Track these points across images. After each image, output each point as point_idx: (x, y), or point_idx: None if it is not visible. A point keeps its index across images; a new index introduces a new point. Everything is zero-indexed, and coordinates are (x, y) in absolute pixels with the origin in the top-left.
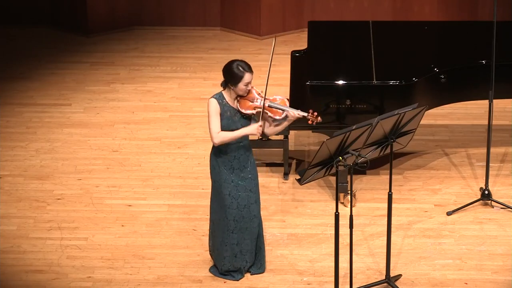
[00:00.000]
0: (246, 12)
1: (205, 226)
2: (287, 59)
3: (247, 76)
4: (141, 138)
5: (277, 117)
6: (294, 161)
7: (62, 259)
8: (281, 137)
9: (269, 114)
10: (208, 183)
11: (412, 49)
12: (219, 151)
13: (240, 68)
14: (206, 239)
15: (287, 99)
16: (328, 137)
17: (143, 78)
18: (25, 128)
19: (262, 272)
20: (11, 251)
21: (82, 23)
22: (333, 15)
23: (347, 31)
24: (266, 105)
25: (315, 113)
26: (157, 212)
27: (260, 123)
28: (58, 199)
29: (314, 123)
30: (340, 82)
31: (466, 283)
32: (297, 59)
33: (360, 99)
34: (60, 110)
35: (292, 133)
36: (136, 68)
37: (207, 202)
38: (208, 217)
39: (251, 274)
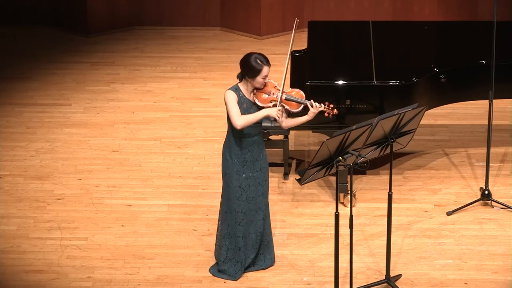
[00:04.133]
0: (246, 12)
1: (205, 226)
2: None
3: (265, 69)
4: (141, 138)
5: (294, 110)
6: (294, 161)
7: (62, 259)
8: (281, 137)
9: (286, 107)
10: (207, 183)
11: (412, 49)
12: (233, 144)
13: (259, 61)
14: (206, 239)
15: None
16: (328, 137)
17: (143, 78)
18: (25, 128)
19: (272, 264)
20: (11, 251)
21: (82, 23)
22: (333, 15)
23: (347, 31)
24: (283, 97)
25: (331, 105)
26: (157, 212)
27: (279, 107)
28: (58, 199)
29: (330, 116)
30: (340, 82)
31: (466, 283)
32: (297, 59)
33: (360, 99)
34: (60, 110)
35: (292, 133)
36: (136, 68)
37: (207, 202)
38: (208, 217)
39: (263, 269)
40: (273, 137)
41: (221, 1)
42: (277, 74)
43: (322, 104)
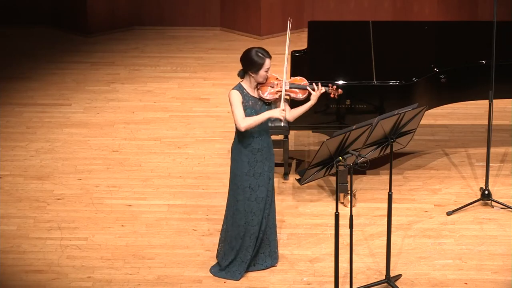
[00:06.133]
0: (246, 12)
1: (205, 226)
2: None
3: (267, 62)
4: (141, 138)
5: (300, 97)
6: (294, 161)
7: (62, 259)
8: (281, 137)
9: (292, 95)
10: (207, 183)
11: (412, 49)
12: (243, 144)
13: (260, 55)
14: (206, 239)
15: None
16: (328, 137)
17: (143, 78)
18: (25, 128)
19: (274, 265)
20: (11, 251)
21: (82, 23)
22: (333, 15)
23: (347, 31)
24: (287, 87)
25: (335, 86)
26: (157, 212)
27: (283, 106)
28: (58, 199)
29: (336, 96)
30: (340, 82)
31: (466, 283)
32: (297, 59)
33: (360, 99)
34: (60, 110)
35: (292, 133)
36: (136, 68)
37: (207, 202)
38: (208, 217)
39: (265, 268)
40: (273, 137)
41: (221, 1)
42: (278, 74)
43: (325, 87)
